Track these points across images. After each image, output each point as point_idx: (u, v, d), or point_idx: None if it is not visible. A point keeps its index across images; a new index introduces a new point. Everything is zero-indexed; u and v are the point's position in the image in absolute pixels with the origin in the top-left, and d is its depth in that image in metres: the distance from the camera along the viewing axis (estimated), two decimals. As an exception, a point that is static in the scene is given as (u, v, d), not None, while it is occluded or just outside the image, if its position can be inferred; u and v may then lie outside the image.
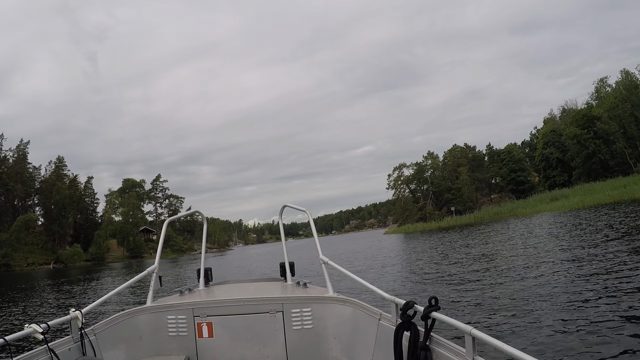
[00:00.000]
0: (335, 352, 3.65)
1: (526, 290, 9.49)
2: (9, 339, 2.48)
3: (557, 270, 11.33)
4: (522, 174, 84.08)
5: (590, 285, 9.01)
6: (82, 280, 32.50)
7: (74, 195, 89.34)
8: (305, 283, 4.36)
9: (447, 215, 69.96)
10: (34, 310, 15.74)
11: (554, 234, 22.50)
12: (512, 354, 1.81)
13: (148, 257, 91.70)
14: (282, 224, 5.17)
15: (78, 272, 48.21)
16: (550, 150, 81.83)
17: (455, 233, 41.97)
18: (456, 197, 72.29)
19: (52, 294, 23.13)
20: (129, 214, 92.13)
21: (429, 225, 65.62)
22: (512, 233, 28.31)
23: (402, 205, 78.18)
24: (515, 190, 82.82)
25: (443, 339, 2.43)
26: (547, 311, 7.46)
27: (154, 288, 4.09)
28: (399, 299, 2.90)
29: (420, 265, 17.78)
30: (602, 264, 11.22)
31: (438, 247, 26.68)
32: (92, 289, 24.29)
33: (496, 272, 12.73)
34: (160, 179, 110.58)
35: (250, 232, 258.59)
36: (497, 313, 7.83)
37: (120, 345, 3.57)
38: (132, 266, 57.53)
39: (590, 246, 14.95)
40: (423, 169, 78.39)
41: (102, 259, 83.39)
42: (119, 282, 25.33)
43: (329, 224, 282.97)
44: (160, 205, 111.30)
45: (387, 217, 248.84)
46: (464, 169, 74.36)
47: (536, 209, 54.56)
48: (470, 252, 20.39)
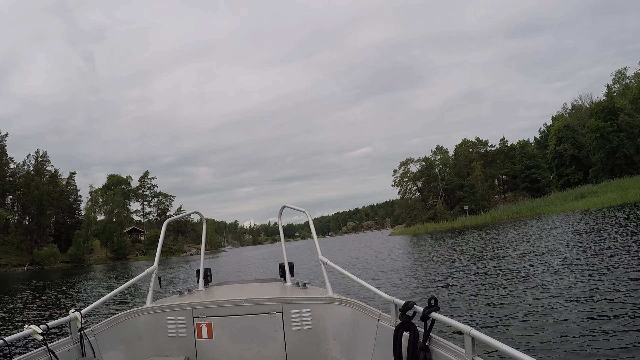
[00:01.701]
0: (334, 352, 3.64)
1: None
2: (9, 340, 2.48)
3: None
4: (537, 171, 78.48)
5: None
6: (30, 289, 26.30)
7: (54, 192, 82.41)
8: (304, 284, 4.30)
9: (460, 214, 63.77)
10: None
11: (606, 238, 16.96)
12: (511, 354, 1.79)
13: (134, 259, 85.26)
14: (281, 224, 5.17)
15: (53, 275, 44.36)
16: (565, 147, 77.08)
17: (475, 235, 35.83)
18: (469, 195, 66.00)
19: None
20: (114, 213, 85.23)
21: (440, 225, 59.37)
22: (551, 235, 22.69)
23: (409, 204, 71.71)
24: (529, 189, 77.32)
25: (442, 340, 2.41)
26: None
27: (154, 289, 4.04)
28: (398, 299, 2.88)
29: (465, 281, 12.18)
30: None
31: (470, 254, 20.57)
32: (35, 302, 18.92)
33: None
34: (148, 176, 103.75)
35: (246, 233, 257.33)
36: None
37: (120, 346, 3.56)
38: (114, 269, 51.96)
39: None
40: (432, 165, 71.98)
41: (81, 261, 76.59)
42: (76, 292, 22.37)
43: (326, 225, 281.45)
44: (149, 203, 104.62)
45: (385, 219, 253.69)
46: (478, 163, 68.08)
47: (564, 207, 48.47)
48: (508, 262, 14.91)
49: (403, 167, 73.10)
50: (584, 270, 10.74)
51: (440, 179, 69.16)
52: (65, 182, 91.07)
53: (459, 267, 15.36)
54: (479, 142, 75.14)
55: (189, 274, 29.32)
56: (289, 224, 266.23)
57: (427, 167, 70.90)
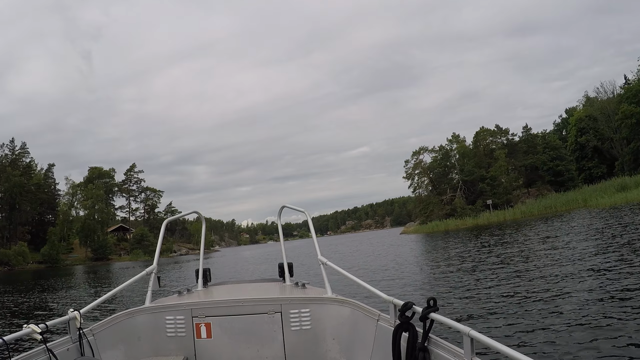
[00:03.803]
0: (333, 352, 3.63)
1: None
2: (7, 339, 2.45)
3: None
4: (561, 163, 71.32)
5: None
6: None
7: (27, 184, 74.43)
8: (303, 284, 4.28)
9: (483, 209, 56.11)
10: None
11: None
12: (510, 355, 1.80)
13: (116, 260, 77.35)
14: (280, 224, 5.17)
15: (23, 277, 39.14)
16: (587, 138, 70.34)
17: (514, 233, 28.24)
18: (492, 188, 58.30)
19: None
20: (94, 208, 77.18)
21: (463, 222, 51.67)
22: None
23: (423, 199, 63.74)
24: (553, 182, 70.18)
25: (441, 340, 2.41)
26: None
27: (153, 288, 4.01)
28: (397, 299, 2.87)
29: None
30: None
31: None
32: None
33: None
34: (135, 169, 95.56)
35: (243, 233, 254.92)
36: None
37: (119, 345, 3.53)
38: (89, 272, 44.34)
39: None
40: (448, 154, 64.12)
41: (56, 261, 68.70)
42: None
43: (324, 224, 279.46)
44: (135, 199, 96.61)
45: (385, 218, 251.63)
46: (502, 152, 60.42)
47: (612, 199, 40.95)
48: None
49: (415, 158, 65.43)
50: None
51: (460, 169, 61.03)
52: (43, 175, 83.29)
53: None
54: (499, 130, 67.47)
55: (179, 275, 25.98)
56: (287, 223, 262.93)
57: (444, 157, 63.10)
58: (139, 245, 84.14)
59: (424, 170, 64.31)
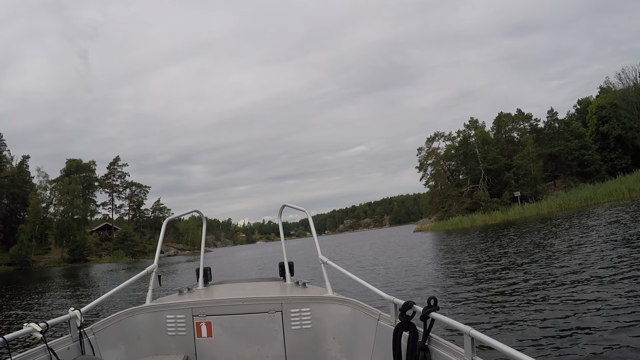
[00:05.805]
0: (334, 352, 3.60)
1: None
2: (8, 338, 2.43)
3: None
4: (587, 153, 64.77)
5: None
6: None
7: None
8: (304, 283, 4.28)
9: (510, 203, 49.05)
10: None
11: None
12: (511, 354, 1.80)
13: (95, 261, 69.87)
14: (281, 224, 5.26)
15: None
16: (611, 126, 64.17)
17: (570, 230, 21.12)
18: (520, 178, 51.23)
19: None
20: (71, 204, 69.57)
21: (491, 217, 44.51)
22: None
23: (440, 192, 56.44)
24: (579, 174, 63.69)
25: (442, 339, 2.40)
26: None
27: (153, 287, 3.99)
28: (398, 299, 2.85)
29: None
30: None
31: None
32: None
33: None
34: (118, 162, 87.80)
35: (240, 232, 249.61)
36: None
37: (119, 344, 3.51)
38: (61, 276, 37.27)
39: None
40: (467, 141, 56.87)
41: (26, 263, 61.25)
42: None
43: (322, 223, 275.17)
44: (119, 195, 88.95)
45: (384, 216, 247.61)
46: (531, 137, 53.37)
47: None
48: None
49: (428, 145, 58.20)
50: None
51: (482, 157, 53.67)
52: (16, 168, 75.61)
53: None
54: (521, 115, 60.34)
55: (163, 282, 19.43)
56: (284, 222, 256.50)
57: (463, 144, 55.88)
58: (122, 244, 76.68)
59: (439, 159, 57.10)
